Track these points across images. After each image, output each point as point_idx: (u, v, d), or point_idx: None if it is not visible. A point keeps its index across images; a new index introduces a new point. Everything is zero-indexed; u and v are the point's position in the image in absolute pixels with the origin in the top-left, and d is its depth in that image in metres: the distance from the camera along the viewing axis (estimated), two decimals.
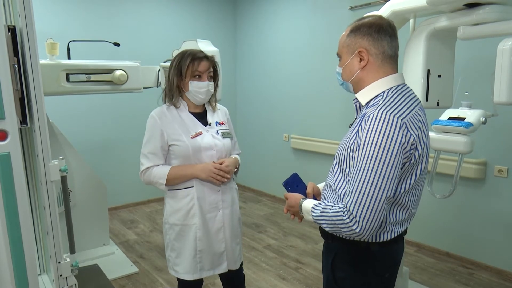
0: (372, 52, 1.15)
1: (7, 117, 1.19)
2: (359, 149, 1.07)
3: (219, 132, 1.76)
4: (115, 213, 4.14)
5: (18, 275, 1.25)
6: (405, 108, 1.09)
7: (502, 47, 1.60)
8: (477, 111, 1.94)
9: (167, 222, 1.76)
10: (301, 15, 4.08)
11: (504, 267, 2.75)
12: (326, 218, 1.12)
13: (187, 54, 1.67)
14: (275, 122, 4.55)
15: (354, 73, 1.19)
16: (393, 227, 1.16)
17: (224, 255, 1.78)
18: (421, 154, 1.10)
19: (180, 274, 1.76)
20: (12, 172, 1.20)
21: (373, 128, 1.04)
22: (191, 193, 1.70)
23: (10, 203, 1.21)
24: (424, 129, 1.11)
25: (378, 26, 1.14)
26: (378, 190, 1.03)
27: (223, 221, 1.76)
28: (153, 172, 1.68)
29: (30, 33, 1.30)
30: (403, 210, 1.15)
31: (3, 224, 1.20)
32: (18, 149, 1.22)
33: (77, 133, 3.81)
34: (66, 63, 2.45)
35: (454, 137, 1.87)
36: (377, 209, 1.04)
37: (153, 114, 1.70)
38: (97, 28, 3.90)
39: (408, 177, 1.11)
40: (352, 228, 1.06)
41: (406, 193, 1.12)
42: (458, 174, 2.09)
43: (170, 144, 1.68)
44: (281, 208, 4.29)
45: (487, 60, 2.58)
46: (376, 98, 1.14)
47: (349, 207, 1.06)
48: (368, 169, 1.04)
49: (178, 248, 1.74)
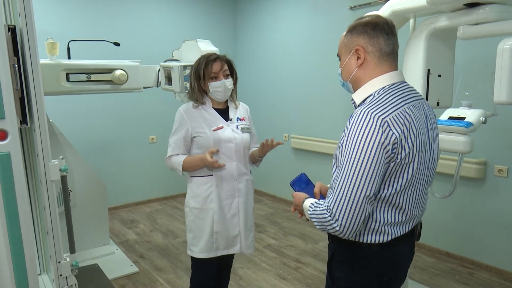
0: (368, 50, 1.15)
1: (7, 117, 1.19)
2: (341, 148, 1.09)
3: (239, 127, 1.94)
4: (115, 213, 4.14)
5: (18, 275, 1.25)
6: (391, 107, 1.07)
7: (502, 46, 1.60)
8: (477, 110, 1.94)
9: (188, 205, 1.94)
10: (301, 15, 4.08)
11: (504, 267, 2.75)
12: (315, 217, 1.13)
13: (202, 59, 1.86)
14: (275, 122, 4.55)
15: (352, 72, 1.19)
16: (390, 229, 1.13)
17: (238, 238, 1.96)
18: (409, 153, 1.06)
19: (195, 253, 1.91)
20: (12, 172, 1.20)
21: (354, 127, 1.05)
22: (211, 181, 1.88)
23: (10, 203, 1.21)
24: (412, 127, 1.08)
25: (374, 24, 1.14)
26: (357, 190, 1.03)
27: (238, 207, 1.94)
28: (173, 160, 1.89)
29: (30, 32, 1.30)
30: (399, 211, 1.13)
31: (3, 223, 1.20)
32: (18, 149, 1.22)
33: (77, 133, 3.81)
34: (66, 62, 2.45)
35: (454, 136, 1.87)
36: (355, 208, 1.04)
37: (181, 109, 1.90)
38: (97, 27, 3.90)
39: (399, 177, 1.08)
40: (333, 226, 1.07)
41: (398, 194, 1.10)
42: (458, 174, 2.09)
43: (194, 136, 1.87)
44: (281, 208, 4.29)
45: (487, 60, 2.58)
46: (369, 97, 1.15)
47: (330, 206, 1.07)
48: (348, 168, 1.04)
49: (195, 229, 1.91)
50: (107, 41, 3.06)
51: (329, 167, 1.28)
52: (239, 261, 3.01)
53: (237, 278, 2.76)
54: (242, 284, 2.67)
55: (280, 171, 4.53)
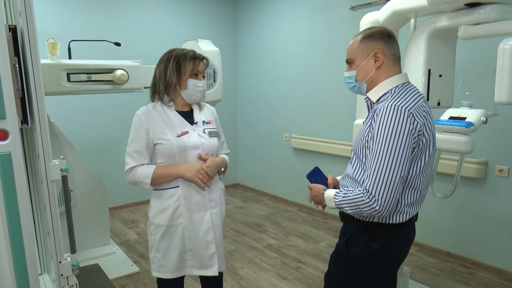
0: (386, 53, 1.33)
1: (8, 117, 1.19)
2: (373, 138, 1.24)
3: (206, 131, 1.73)
4: (115, 212, 4.14)
5: (19, 275, 1.26)
6: (411, 101, 1.25)
7: (503, 46, 1.60)
8: (478, 110, 1.94)
9: (152, 223, 1.72)
10: (301, 15, 4.08)
11: (504, 266, 2.74)
12: (348, 202, 1.28)
13: (184, 52, 1.67)
14: (275, 122, 4.54)
15: (370, 73, 1.36)
16: (407, 209, 1.31)
17: (215, 257, 1.73)
18: (428, 139, 1.26)
19: (165, 274, 1.71)
20: (13, 172, 1.21)
21: (384, 118, 1.21)
22: (177, 193, 1.67)
23: (11, 202, 1.21)
24: (429, 119, 1.28)
25: (388, 32, 1.36)
26: (393, 171, 1.19)
27: (211, 221, 1.72)
28: (138, 171, 1.66)
29: (31, 32, 1.30)
30: (415, 192, 1.30)
31: (4, 223, 1.21)
32: (19, 149, 1.22)
33: (78, 133, 3.81)
34: (67, 62, 2.45)
35: (455, 136, 1.87)
36: (393, 188, 1.20)
37: (139, 112, 1.69)
38: (97, 27, 3.90)
39: (419, 160, 1.26)
40: (372, 207, 1.22)
41: (417, 176, 1.28)
42: (459, 174, 2.09)
43: (155, 143, 1.66)
44: (281, 207, 4.29)
45: (488, 60, 2.57)
46: (385, 95, 1.32)
47: (369, 189, 1.22)
48: (383, 154, 1.20)
49: (163, 249, 1.70)
50: (108, 41, 3.06)
51: (330, 166, 1.36)
52: (240, 261, 3.01)
53: (238, 278, 2.76)
54: (243, 284, 2.67)
55: (280, 171, 4.53)
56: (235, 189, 5.10)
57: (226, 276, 2.77)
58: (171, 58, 1.67)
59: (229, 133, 5.18)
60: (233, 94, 5.07)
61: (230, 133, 5.11)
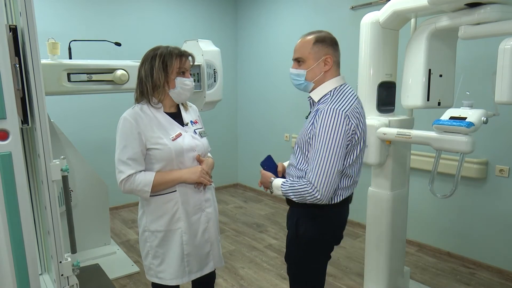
0: (334, 59, 1.50)
1: (8, 117, 1.19)
2: (315, 136, 1.42)
3: (196, 132, 1.70)
4: (116, 212, 4.14)
5: (19, 275, 1.26)
6: (347, 103, 1.44)
7: (504, 46, 1.60)
8: (478, 110, 1.94)
9: (148, 229, 1.66)
10: (302, 15, 4.07)
11: (505, 266, 2.74)
12: (294, 191, 1.46)
13: (169, 50, 1.60)
14: (276, 121, 4.54)
15: (318, 75, 1.51)
16: (342, 192, 1.52)
17: (210, 254, 1.75)
18: (359, 136, 1.46)
19: (166, 280, 1.67)
20: (13, 172, 1.21)
21: (325, 120, 1.39)
22: (175, 197, 1.63)
23: (11, 202, 1.21)
24: (361, 119, 1.48)
25: (335, 40, 1.53)
26: (332, 166, 1.39)
27: (207, 221, 1.72)
28: (137, 179, 1.56)
29: (31, 32, 1.30)
30: (349, 179, 1.52)
31: (5, 223, 1.21)
32: (19, 149, 1.22)
33: (78, 133, 3.82)
34: (67, 62, 2.45)
35: (456, 136, 1.87)
36: (331, 179, 1.39)
37: (127, 116, 1.57)
38: (98, 27, 3.90)
39: (351, 154, 1.47)
40: (315, 196, 1.40)
41: (350, 166, 1.49)
42: (459, 174, 2.09)
43: (149, 148, 1.57)
44: (282, 207, 4.29)
45: (488, 60, 2.57)
46: (325, 96, 1.50)
47: (312, 181, 1.40)
48: (323, 151, 1.39)
49: (161, 254, 1.66)
50: (108, 41, 3.06)
51: None
52: (240, 261, 3.01)
53: (238, 278, 2.76)
54: (243, 284, 2.67)
55: None
56: (235, 189, 5.10)
57: (226, 276, 2.77)
58: (156, 56, 1.59)
59: (229, 133, 5.19)
60: (233, 94, 5.07)
61: (230, 133, 5.12)
